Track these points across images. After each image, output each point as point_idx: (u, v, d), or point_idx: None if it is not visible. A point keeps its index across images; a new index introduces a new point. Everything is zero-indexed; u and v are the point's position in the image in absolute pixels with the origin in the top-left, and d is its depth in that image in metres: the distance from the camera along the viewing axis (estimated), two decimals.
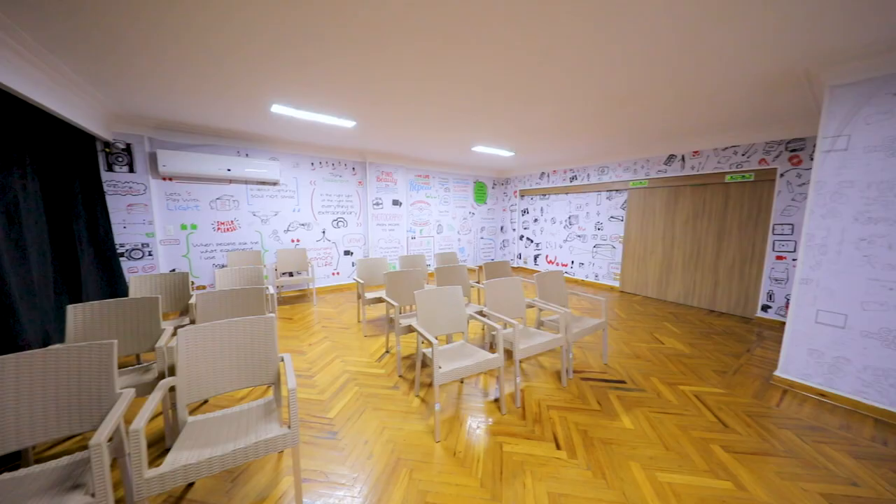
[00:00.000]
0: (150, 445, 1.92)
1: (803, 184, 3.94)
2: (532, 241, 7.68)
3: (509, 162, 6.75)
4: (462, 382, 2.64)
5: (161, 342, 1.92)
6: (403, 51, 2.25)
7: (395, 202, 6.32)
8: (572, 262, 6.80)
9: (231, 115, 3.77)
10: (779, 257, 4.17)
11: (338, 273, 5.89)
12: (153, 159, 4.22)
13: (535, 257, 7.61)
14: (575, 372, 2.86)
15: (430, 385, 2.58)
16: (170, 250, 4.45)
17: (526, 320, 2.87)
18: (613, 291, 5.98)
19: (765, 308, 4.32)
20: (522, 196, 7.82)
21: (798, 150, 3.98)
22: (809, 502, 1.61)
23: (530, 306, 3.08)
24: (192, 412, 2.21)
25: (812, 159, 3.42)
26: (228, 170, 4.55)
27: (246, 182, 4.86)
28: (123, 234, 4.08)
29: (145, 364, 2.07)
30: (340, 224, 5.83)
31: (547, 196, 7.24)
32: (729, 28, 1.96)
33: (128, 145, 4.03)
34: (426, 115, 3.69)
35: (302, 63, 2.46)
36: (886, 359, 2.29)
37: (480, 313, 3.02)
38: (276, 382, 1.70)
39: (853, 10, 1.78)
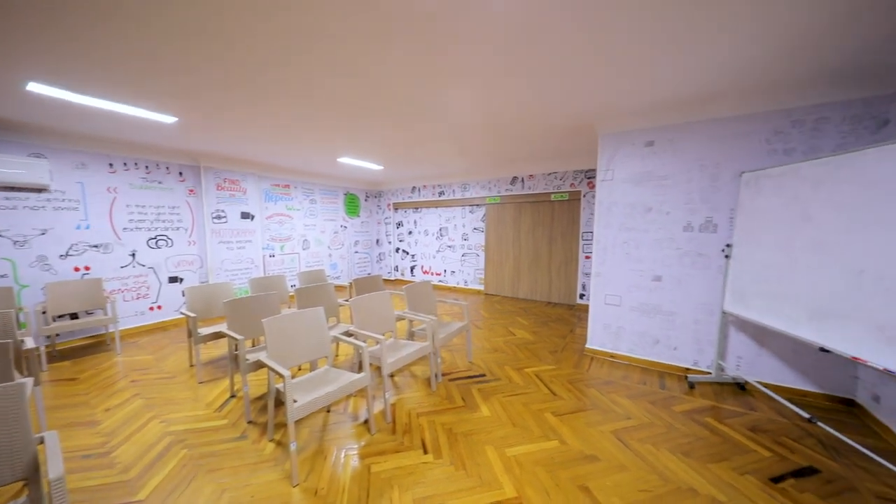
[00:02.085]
0: None
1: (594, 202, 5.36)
2: (408, 253, 7.91)
3: (380, 175, 6.82)
4: (328, 411, 2.46)
5: None
6: (235, 48, 2.01)
7: (246, 215, 5.43)
8: (445, 270, 7.31)
9: None
10: (587, 257, 5.51)
11: (159, 307, 4.59)
12: None
13: (412, 268, 7.86)
14: (444, 374, 3.05)
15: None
16: None
17: (397, 333, 2.90)
18: (479, 294, 6.71)
19: (581, 296, 5.62)
20: (396, 209, 8.00)
21: (592, 178, 5.39)
22: (605, 440, 2.15)
23: (401, 319, 3.14)
24: None
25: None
26: None
27: None
28: None
29: None
30: (161, 243, 4.57)
31: (419, 209, 7.62)
32: (543, 88, 2.51)
33: None
34: (275, 120, 3.36)
35: (75, 32, 1.88)
36: (643, 324, 3.30)
37: (348, 333, 2.89)
38: (35, 476, 1.20)
39: (612, 86, 2.54)
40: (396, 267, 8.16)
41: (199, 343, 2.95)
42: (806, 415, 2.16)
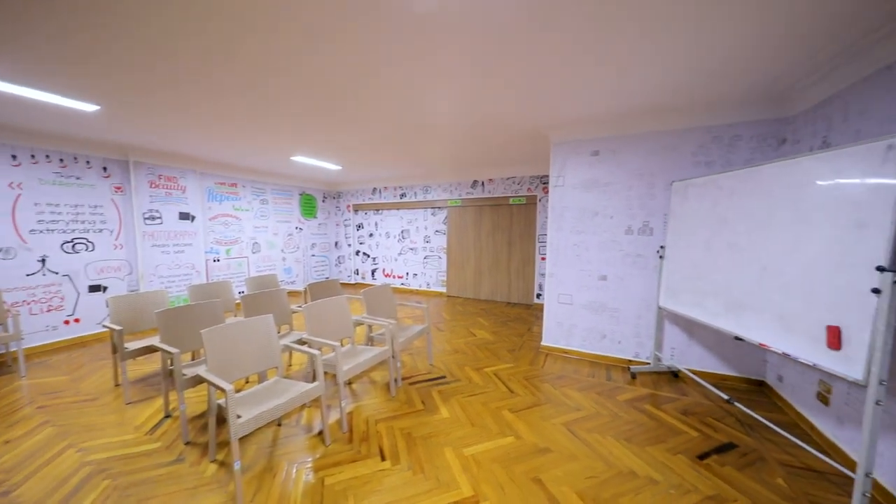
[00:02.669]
0: None
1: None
2: (369, 256, 7.74)
3: (338, 175, 6.61)
4: (279, 425, 2.33)
5: None
6: (173, 36, 1.85)
7: (185, 216, 4.96)
8: (407, 273, 7.26)
9: None
10: (542, 258, 5.78)
11: (76, 320, 4.04)
12: None
13: (373, 272, 7.71)
14: (404, 379, 3.02)
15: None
16: None
17: (355, 339, 2.82)
18: (442, 296, 6.75)
19: (538, 296, 5.88)
20: (356, 210, 7.80)
21: (546, 184, 5.67)
22: (557, 432, 2.26)
23: (359, 324, 3.07)
24: None
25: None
26: None
27: None
28: None
29: None
30: (80, 247, 4.02)
31: (380, 211, 7.50)
32: (500, 99, 2.60)
33: None
34: (220, 115, 3.15)
35: None
36: (592, 321, 3.53)
37: (301, 341, 2.76)
38: None
39: (560, 99, 2.70)
40: (357, 270, 7.95)
41: (127, 359, 2.65)
42: (726, 397, 2.45)
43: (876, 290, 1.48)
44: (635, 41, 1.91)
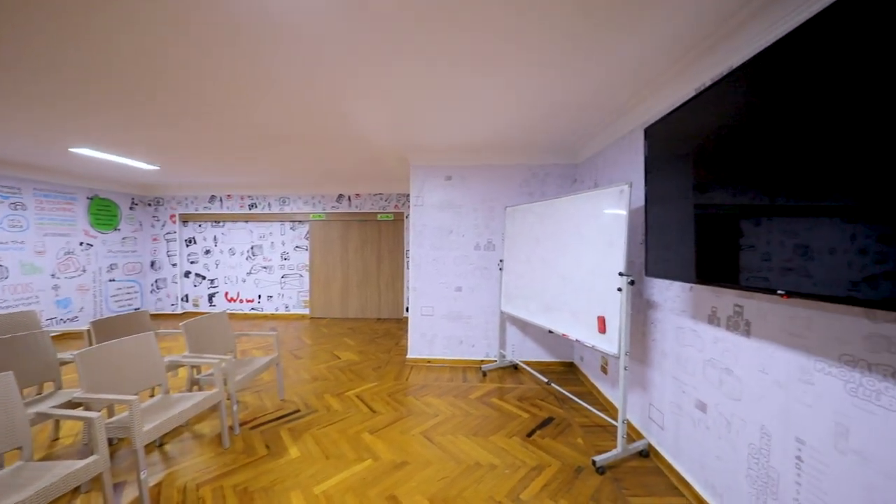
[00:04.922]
0: None
1: None
2: (204, 278, 6.32)
3: (156, 177, 5.20)
4: None
5: None
6: None
7: None
8: (259, 296, 6.26)
9: None
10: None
11: None
12: None
13: (211, 297, 6.32)
14: (244, 423, 2.54)
15: None
16: None
17: (168, 387, 2.21)
18: (304, 319, 6.10)
19: (407, 309, 6.02)
20: (185, 222, 6.29)
21: None
22: (415, 443, 2.32)
23: (179, 365, 2.44)
24: None
25: None
26: None
27: None
28: None
29: None
30: None
31: (222, 223, 6.28)
32: (361, 118, 2.57)
33: None
34: None
35: None
36: (450, 329, 3.83)
37: (74, 403, 1.98)
38: None
39: (416, 128, 2.88)
40: (186, 296, 6.35)
41: None
42: (545, 379, 3.04)
43: (619, 289, 2.13)
44: (476, 90, 2.24)
